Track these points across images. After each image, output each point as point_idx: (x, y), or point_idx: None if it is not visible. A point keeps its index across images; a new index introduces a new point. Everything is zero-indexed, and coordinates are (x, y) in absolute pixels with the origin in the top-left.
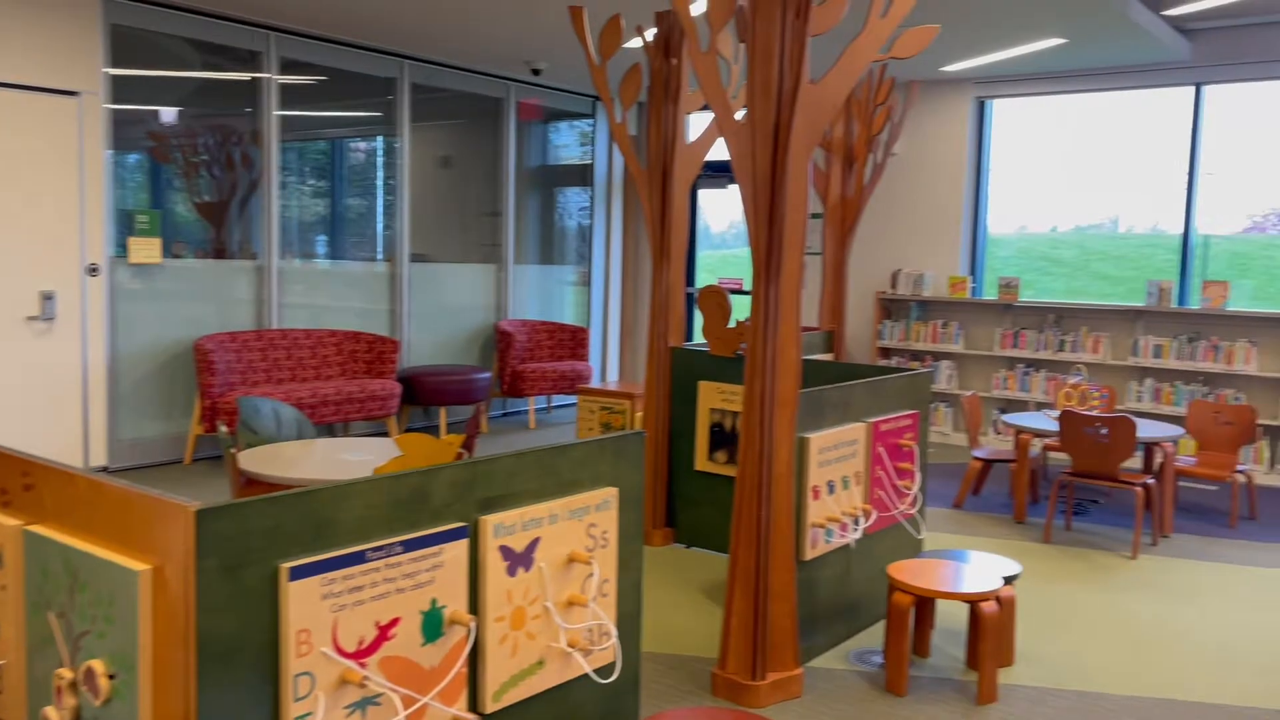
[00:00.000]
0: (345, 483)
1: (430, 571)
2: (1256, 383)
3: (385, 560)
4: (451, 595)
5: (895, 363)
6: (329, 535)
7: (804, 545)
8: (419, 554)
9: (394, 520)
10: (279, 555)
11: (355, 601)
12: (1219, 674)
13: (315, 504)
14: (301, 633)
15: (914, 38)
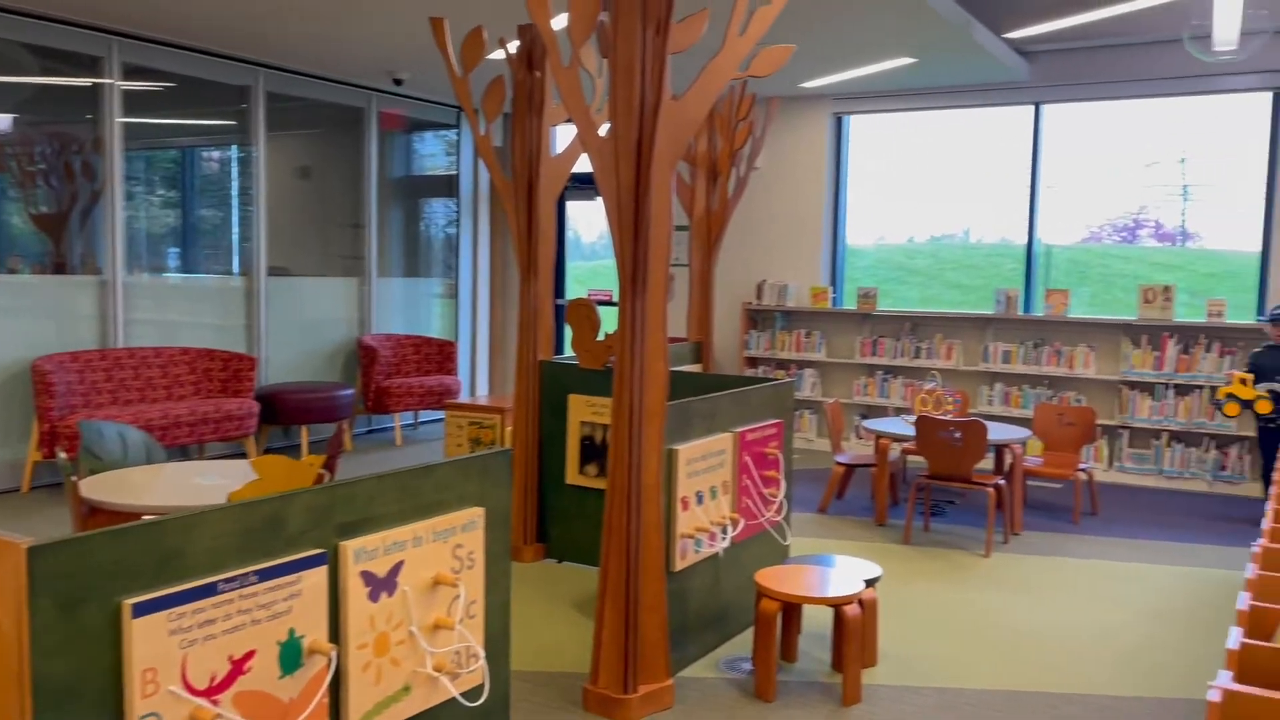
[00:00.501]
0: (194, 512)
1: (287, 601)
2: (1095, 385)
3: (239, 591)
4: (310, 624)
5: (761, 372)
6: (177, 567)
7: (674, 556)
8: (275, 583)
9: (248, 549)
10: (121, 591)
11: (206, 636)
12: (1068, 665)
13: (161, 535)
14: (147, 671)
15: (771, 56)
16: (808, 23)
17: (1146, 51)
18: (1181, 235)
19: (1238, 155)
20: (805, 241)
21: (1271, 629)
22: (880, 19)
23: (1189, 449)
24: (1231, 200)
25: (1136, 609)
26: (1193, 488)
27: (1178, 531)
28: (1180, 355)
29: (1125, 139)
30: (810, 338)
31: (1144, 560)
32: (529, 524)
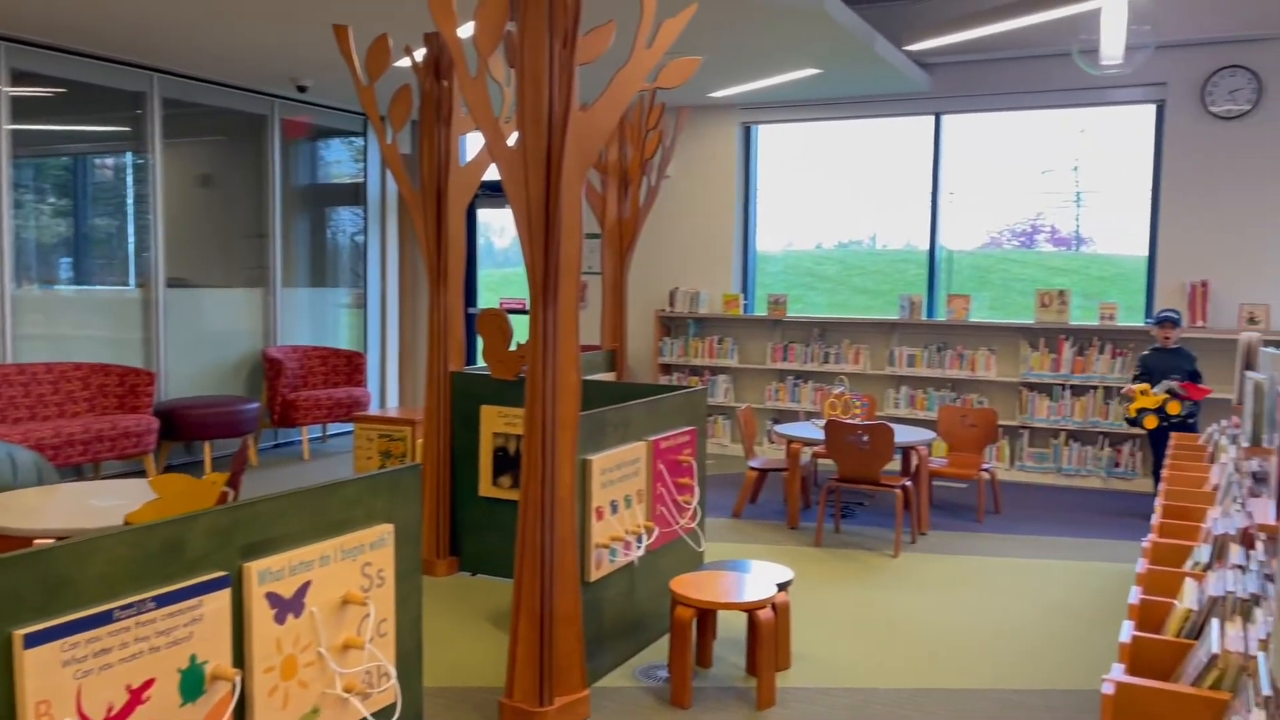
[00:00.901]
0: (88, 537)
1: (188, 626)
2: (996, 387)
3: (136, 618)
4: (213, 649)
5: (675, 379)
6: (70, 595)
7: (589, 566)
8: (174, 608)
9: (145, 574)
10: (12, 621)
11: (103, 665)
12: (974, 661)
13: (53, 562)
14: (41, 704)
15: (678, 68)
16: (715, 34)
17: (1040, 64)
18: (1076, 240)
19: (1127, 163)
20: (717, 249)
21: (1161, 621)
22: (785, 31)
23: (1085, 447)
24: (1122, 206)
25: (1038, 604)
26: (1089, 484)
27: (1076, 527)
28: (1076, 357)
29: (1022, 147)
30: (723, 344)
31: (1045, 556)
32: (442, 537)
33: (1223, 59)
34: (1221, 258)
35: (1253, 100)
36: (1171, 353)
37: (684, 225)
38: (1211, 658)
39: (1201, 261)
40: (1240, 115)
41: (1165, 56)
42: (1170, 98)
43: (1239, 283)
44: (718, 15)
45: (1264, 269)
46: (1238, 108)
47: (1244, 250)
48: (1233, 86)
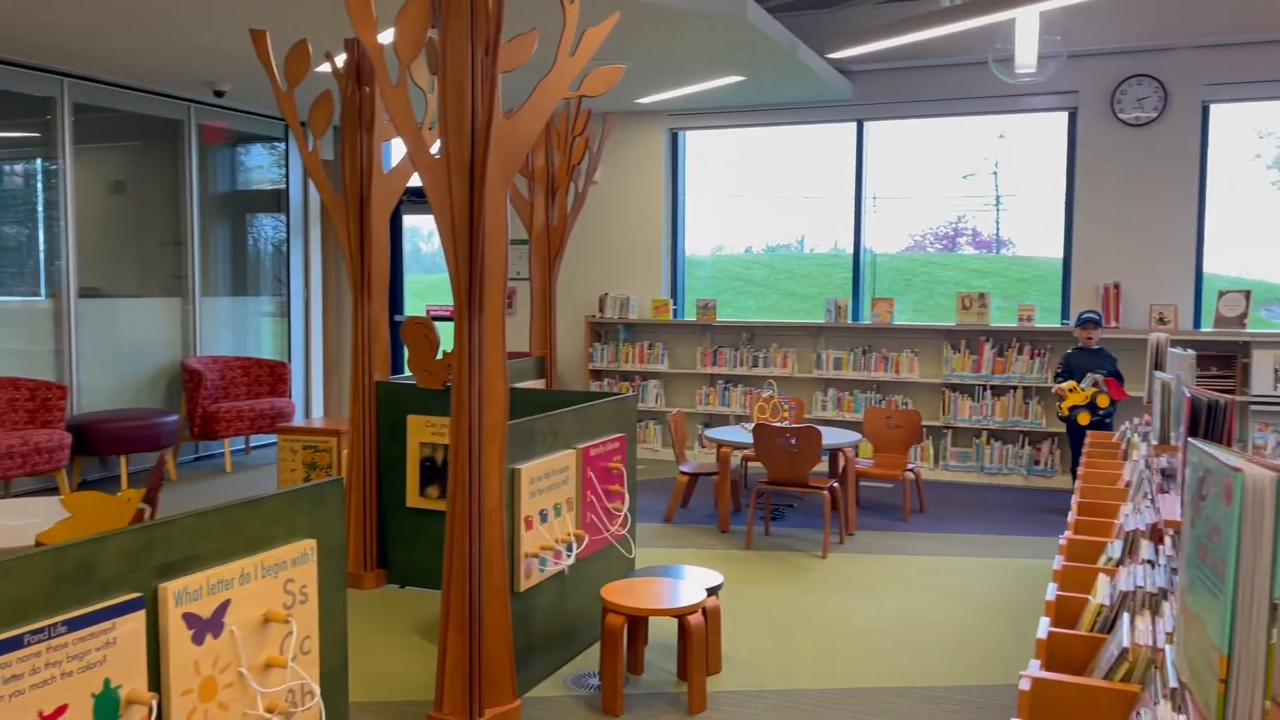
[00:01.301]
0: None
1: (102, 650)
2: (920, 388)
3: (47, 643)
4: (128, 673)
5: (606, 384)
6: None
7: (518, 576)
8: (87, 632)
9: (57, 597)
10: None
11: (13, 692)
12: (902, 659)
13: None
14: None
15: (602, 76)
16: (640, 41)
17: (959, 72)
18: (996, 243)
19: (1044, 168)
20: (646, 254)
21: (1077, 616)
22: (709, 39)
23: (1006, 446)
24: (1040, 210)
25: (963, 601)
26: (1010, 482)
27: (998, 525)
28: (996, 358)
29: (944, 152)
30: (653, 349)
31: (968, 554)
32: (369, 550)
33: (1130, 68)
34: (1132, 260)
35: (1159, 108)
36: (1094, 353)
37: (613, 231)
38: (1122, 651)
39: (1114, 264)
40: (1148, 122)
41: (1076, 66)
42: (1082, 105)
43: (1149, 284)
44: (642, 23)
45: (1172, 271)
46: (1145, 115)
47: (1153, 253)
48: (1140, 94)
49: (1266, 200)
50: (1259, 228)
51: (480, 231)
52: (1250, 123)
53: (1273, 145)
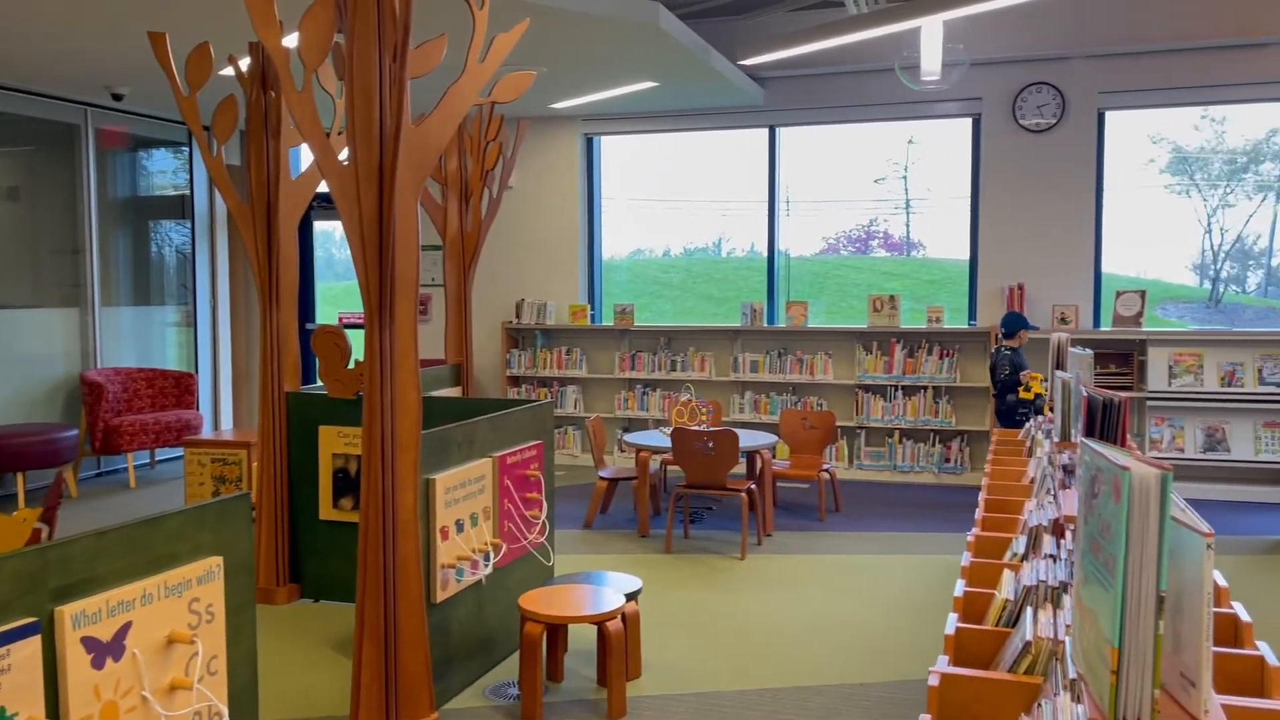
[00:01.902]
0: None
1: None
2: (834, 389)
3: None
4: (24, 700)
5: (524, 390)
6: None
7: (435, 587)
8: None
9: None
10: None
11: None
12: (818, 658)
13: None
14: None
15: (513, 83)
16: (553, 47)
17: (868, 79)
18: (907, 245)
19: (952, 172)
20: (562, 260)
21: (984, 611)
22: (621, 45)
23: (917, 445)
24: (949, 213)
25: (877, 598)
26: (922, 480)
27: (911, 522)
28: (907, 359)
29: (856, 157)
30: (571, 355)
31: (882, 551)
32: (281, 564)
33: (1030, 76)
34: (1035, 262)
35: (1058, 114)
36: (1021, 351)
37: (529, 236)
38: (1025, 644)
39: (1017, 265)
40: (1047, 128)
41: (979, 73)
42: (985, 112)
43: (1051, 285)
44: (555, 29)
45: (1073, 272)
46: (1045, 121)
47: (1054, 255)
48: (1040, 101)
49: (1161, 203)
50: (1155, 229)
51: (390, 239)
52: (1143, 129)
53: (1166, 150)
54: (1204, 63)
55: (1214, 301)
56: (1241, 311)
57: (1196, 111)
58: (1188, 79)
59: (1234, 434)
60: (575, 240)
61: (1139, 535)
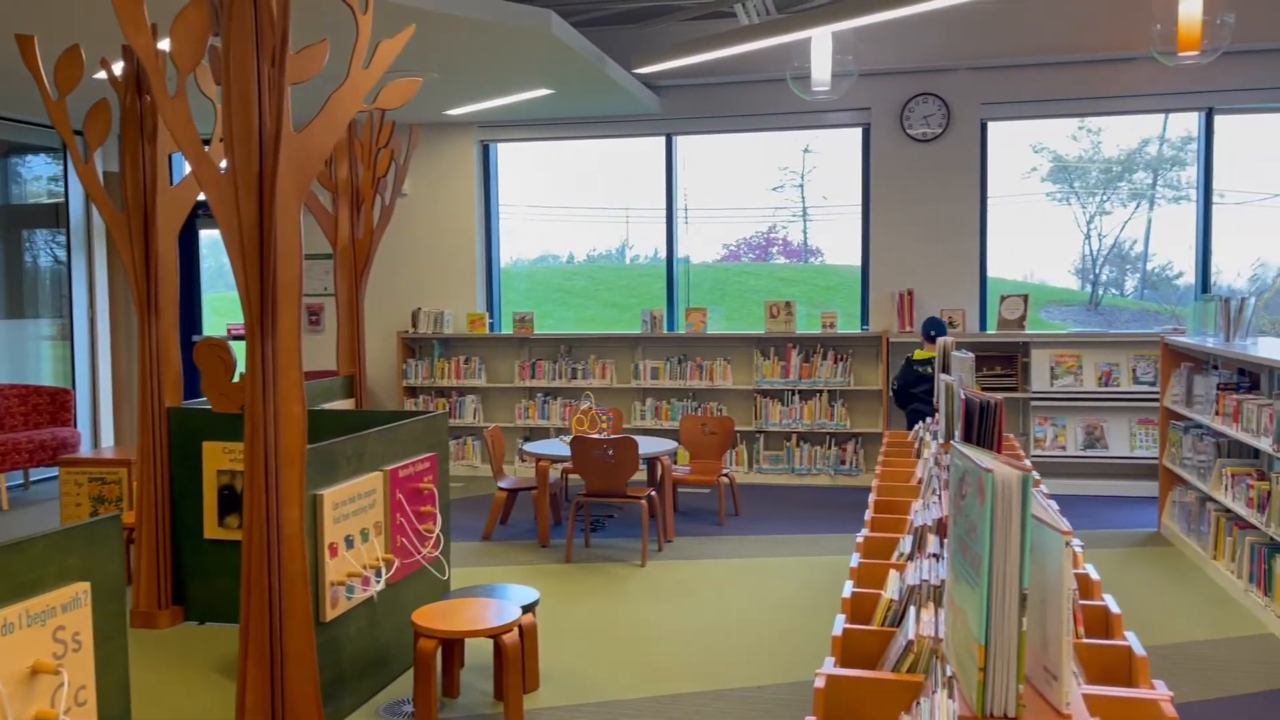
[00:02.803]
0: None
1: None
2: (733, 395)
3: None
4: None
5: (421, 401)
6: None
7: (324, 606)
8: None
9: None
10: None
11: None
12: (717, 663)
13: None
14: None
15: (398, 89)
16: (446, 53)
17: (762, 89)
18: (805, 252)
19: (846, 180)
20: (460, 268)
21: (872, 611)
22: (515, 52)
23: (814, 447)
24: (844, 220)
25: (775, 600)
26: (819, 482)
27: (809, 523)
28: (803, 364)
29: (755, 164)
30: (470, 364)
31: (781, 554)
32: (164, 586)
33: (917, 87)
34: (923, 268)
35: (943, 124)
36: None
37: (425, 244)
38: (908, 643)
39: (907, 272)
40: (934, 138)
41: (868, 84)
42: (874, 121)
43: (939, 290)
44: (447, 35)
45: (959, 277)
46: (931, 131)
47: (942, 260)
48: (926, 112)
49: (1043, 210)
50: (1038, 235)
51: (271, 249)
52: (1026, 138)
53: (1047, 159)
54: (1080, 76)
55: (1094, 304)
56: (1119, 314)
57: (1074, 122)
58: (1065, 91)
59: (1111, 431)
60: (472, 248)
61: (1002, 535)
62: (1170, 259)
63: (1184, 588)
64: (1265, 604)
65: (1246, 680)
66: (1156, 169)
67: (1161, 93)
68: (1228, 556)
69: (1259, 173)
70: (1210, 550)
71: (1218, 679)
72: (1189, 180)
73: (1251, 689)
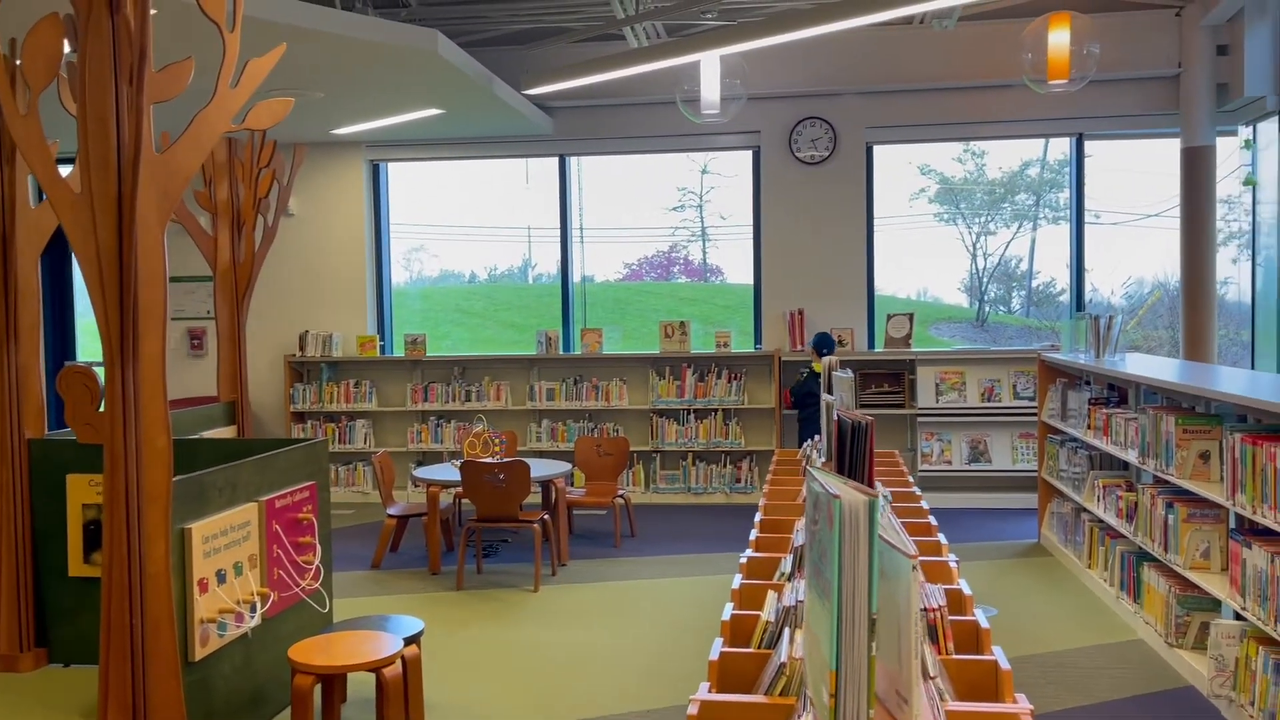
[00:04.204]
0: None
1: None
2: (630, 415)
3: None
4: None
5: (310, 427)
6: None
7: (193, 645)
8: None
9: None
10: None
11: None
12: (607, 686)
13: None
14: None
15: (269, 109)
16: (331, 73)
17: (654, 111)
18: (705, 271)
19: (744, 201)
20: (349, 289)
21: (751, 633)
22: (401, 72)
23: (710, 466)
24: (742, 240)
25: (668, 622)
26: (715, 501)
27: (703, 543)
28: (697, 383)
29: (656, 185)
30: (360, 388)
31: (674, 575)
32: (26, 627)
33: (805, 111)
34: (813, 288)
35: (830, 148)
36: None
37: (313, 265)
38: (780, 666)
39: (797, 292)
40: (821, 161)
41: (758, 108)
42: (764, 144)
43: (829, 310)
44: (332, 54)
45: (848, 297)
46: (819, 154)
47: (831, 280)
48: (814, 135)
49: (932, 230)
50: (929, 255)
51: (131, 274)
52: (915, 161)
53: (934, 181)
54: (961, 101)
55: (980, 321)
56: (1004, 330)
57: (960, 146)
58: (947, 116)
59: (994, 445)
60: (362, 269)
61: (850, 560)
62: (1053, 277)
63: (1061, 596)
64: (1135, 610)
65: (1118, 686)
66: (1038, 191)
67: (1036, 119)
68: (1101, 565)
69: (1135, 195)
70: (1085, 559)
71: (1091, 686)
72: (1068, 202)
73: (1122, 694)
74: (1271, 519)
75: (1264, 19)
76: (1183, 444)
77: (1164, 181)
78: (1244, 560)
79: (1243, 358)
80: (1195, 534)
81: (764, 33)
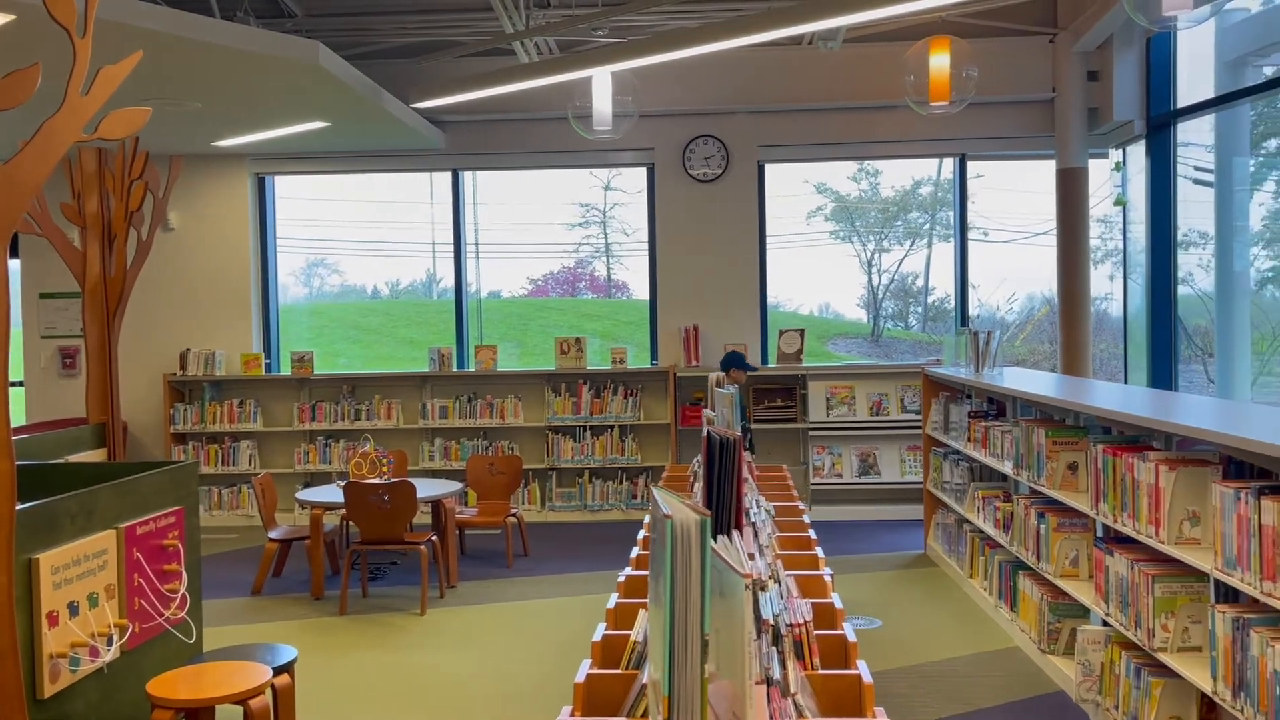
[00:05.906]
0: None
1: None
2: (525, 433)
3: None
4: None
5: (191, 448)
6: None
7: (42, 681)
8: None
9: None
10: None
11: None
12: (490, 710)
13: None
14: None
15: (123, 119)
16: (211, 83)
17: (548, 126)
18: (610, 287)
19: (644, 218)
20: (233, 306)
21: (621, 654)
22: (282, 84)
23: (606, 483)
24: (645, 256)
25: (556, 643)
26: (612, 518)
27: (597, 560)
28: (594, 400)
29: (557, 200)
30: (244, 407)
31: (566, 594)
32: None
33: (697, 129)
34: (708, 303)
35: (723, 165)
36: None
37: (194, 281)
38: (642, 687)
39: (692, 308)
40: (714, 178)
41: (651, 125)
42: (658, 161)
43: (723, 326)
44: (206, 64)
45: (742, 312)
46: (711, 171)
47: (725, 297)
48: (706, 153)
49: (830, 247)
50: (826, 271)
51: None
52: (810, 179)
53: (830, 199)
54: (850, 121)
55: (875, 337)
56: (898, 345)
57: (855, 165)
58: (837, 135)
59: (883, 458)
60: (247, 284)
61: (683, 579)
62: (948, 293)
63: (943, 606)
64: (1011, 619)
65: (994, 693)
66: (931, 209)
67: (921, 139)
68: (981, 575)
69: (1022, 213)
70: (967, 569)
71: (968, 694)
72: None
73: (998, 701)
74: (1131, 527)
75: (1131, 47)
76: (1052, 455)
77: (1047, 201)
78: (1107, 567)
79: (1120, 371)
80: (1064, 542)
81: (653, 50)
